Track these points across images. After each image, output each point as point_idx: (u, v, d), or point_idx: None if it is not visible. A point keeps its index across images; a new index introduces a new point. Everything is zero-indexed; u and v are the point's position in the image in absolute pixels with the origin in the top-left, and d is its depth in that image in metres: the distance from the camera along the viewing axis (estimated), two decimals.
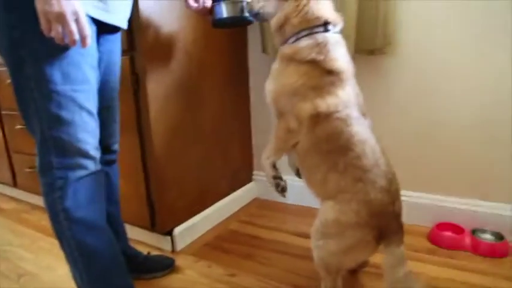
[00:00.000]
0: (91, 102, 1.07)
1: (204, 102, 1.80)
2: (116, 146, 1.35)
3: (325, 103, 1.08)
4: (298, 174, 1.26)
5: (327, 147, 1.09)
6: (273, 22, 1.17)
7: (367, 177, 1.08)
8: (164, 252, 1.73)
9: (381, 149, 1.13)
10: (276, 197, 2.18)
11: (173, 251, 1.74)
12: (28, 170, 2.15)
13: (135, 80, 1.49)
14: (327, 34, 1.11)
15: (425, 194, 1.72)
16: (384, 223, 1.09)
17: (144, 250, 1.64)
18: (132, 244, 1.57)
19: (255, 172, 2.28)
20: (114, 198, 1.38)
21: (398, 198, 1.12)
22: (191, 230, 1.82)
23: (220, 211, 2.02)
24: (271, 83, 1.16)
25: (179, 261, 1.65)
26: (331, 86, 1.08)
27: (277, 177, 1.21)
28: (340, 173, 1.09)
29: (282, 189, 1.22)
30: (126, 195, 1.62)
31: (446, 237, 1.63)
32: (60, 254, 1.12)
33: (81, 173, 1.08)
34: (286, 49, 1.14)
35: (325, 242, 1.12)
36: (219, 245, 1.77)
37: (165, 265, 1.56)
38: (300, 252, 1.65)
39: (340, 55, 1.11)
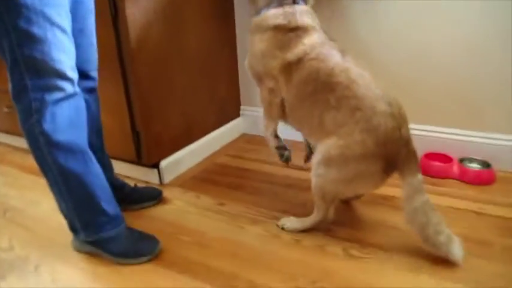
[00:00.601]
0: (64, 19, 1.01)
1: (188, 30, 1.74)
2: (95, 73, 1.30)
3: (292, 53, 1.10)
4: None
5: (310, 89, 1.08)
6: None
7: (364, 103, 1.05)
8: (151, 185, 1.73)
9: (370, 75, 1.10)
10: None
11: (161, 183, 1.74)
12: (6, 110, 2.07)
13: (112, 4, 1.43)
14: (295, 5, 1.15)
15: (414, 125, 1.70)
16: (393, 151, 1.05)
17: (131, 183, 1.62)
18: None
19: (242, 107, 2.26)
20: (96, 128, 1.35)
21: (405, 122, 1.09)
22: (178, 163, 1.82)
23: (207, 145, 2.01)
24: (247, 55, 1.21)
25: (167, 192, 1.66)
26: (297, 38, 1.11)
27: (280, 147, 1.22)
28: (335, 108, 1.07)
29: (286, 159, 1.23)
30: (110, 129, 1.59)
31: (435, 166, 1.65)
32: (45, 190, 1.13)
33: (58, 95, 1.04)
34: (256, 19, 1.18)
35: (327, 171, 1.11)
36: (207, 177, 1.77)
37: (152, 196, 1.56)
38: (288, 182, 1.67)
39: (306, 18, 1.14)
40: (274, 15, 1.13)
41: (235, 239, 1.31)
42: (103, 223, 1.19)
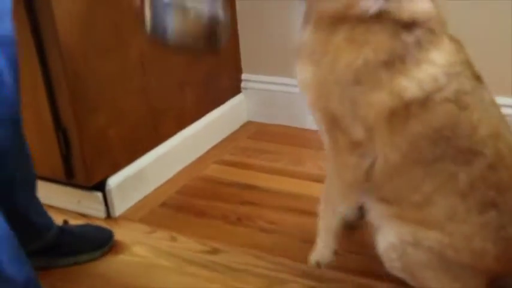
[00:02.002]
0: None
1: None
2: None
3: (415, 81, 1.06)
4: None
5: (435, 153, 1.09)
6: None
7: (506, 200, 1.08)
8: (93, 221, 1.70)
9: None
10: (283, 119, 2.19)
11: (108, 216, 1.72)
12: None
13: None
14: None
15: None
16: None
17: (57, 219, 1.56)
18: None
19: (245, 77, 2.23)
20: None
21: None
22: (138, 181, 1.79)
23: (186, 148, 1.97)
24: (307, 68, 1.15)
25: (120, 233, 1.63)
26: (417, 48, 1.06)
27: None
28: (461, 193, 1.09)
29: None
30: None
31: None
32: None
33: None
34: (329, 3, 1.10)
35: (408, 262, 1.17)
36: (187, 204, 1.75)
37: (97, 241, 1.55)
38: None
39: (428, 4, 1.10)
40: None
41: None
42: None
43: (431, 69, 1.07)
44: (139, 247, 1.56)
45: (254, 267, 1.43)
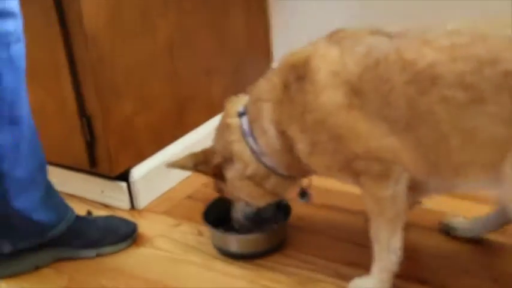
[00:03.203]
0: None
1: None
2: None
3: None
4: None
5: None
6: None
7: None
8: (117, 212, 1.70)
9: None
10: None
11: (132, 208, 1.72)
12: None
13: None
14: None
15: None
16: None
17: (80, 210, 1.58)
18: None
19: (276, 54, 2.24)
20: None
21: None
22: (163, 170, 1.65)
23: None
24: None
25: (144, 226, 1.62)
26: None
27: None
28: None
29: None
30: (40, 113, 1.52)
31: None
32: None
33: None
34: None
35: None
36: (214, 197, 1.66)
37: (119, 235, 1.54)
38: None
39: None
40: None
41: None
42: None
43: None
44: (164, 241, 1.55)
45: (283, 266, 1.41)
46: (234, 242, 1.46)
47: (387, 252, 1.26)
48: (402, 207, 1.22)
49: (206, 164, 1.39)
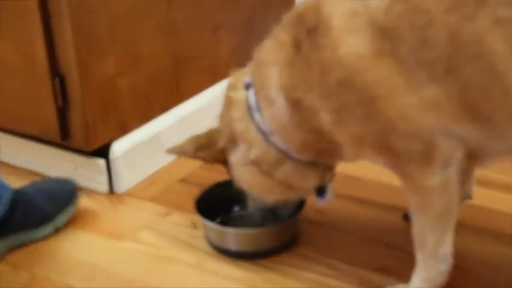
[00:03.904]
0: None
1: None
2: None
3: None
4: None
5: None
6: None
7: None
8: (92, 196, 1.60)
9: None
10: None
11: (112, 191, 1.62)
12: None
13: None
14: None
15: None
16: None
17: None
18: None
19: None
20: None
21: None
22: (152, 146, 1.69)
23: (217, 108, 1.77)
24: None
25: (125, 214, 1.55)
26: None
27: None
28: None
29: None
30: (5, 74, 1.54)
31: None
32: None
33: None
34: None
35: None
36: (213, 182, 1.58)
37: (65, 196, 1.46)
38: (391, 202, 1.50)
39: None
40: None
41: None
42: None
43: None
44: (149, 233, 1.44)
45: (294, 269, 1.29)
46: (233, 237, 1.38)
47: (434, 260, 1.16)
48: (454, 200, 1.13)
49: (209, 148, 1.31)
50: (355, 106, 1.09)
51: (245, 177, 1.28)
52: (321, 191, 1.36)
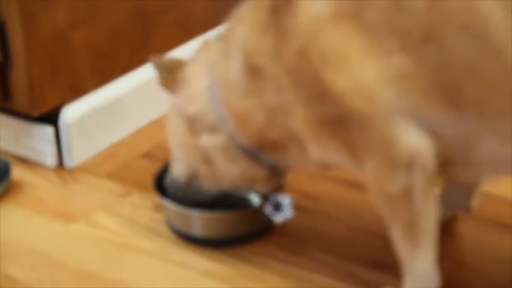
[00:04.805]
0: None
1: None
2: None
3: None
4: None
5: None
6: None
7: None
8: (38, 170, 1.51)
9: None
10: None
11: (61, 165, 1.52)
12: None
13: None
14: None
15: None
16: None
17: None
18: None
19: None
20: None
21: None
22: (110, 114, 1.60)
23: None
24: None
25: (77, 192, 1.45)
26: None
27: None
28: None
29: None
30: None
31: None
32: None
33: None
34: None
35: None
36: None
37: None
38: None
39: None
40: None
41: None
42: None
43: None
44: (105, 216, 1.36)
45: (273, 261, 1.20)
46: (198, 221, 1.30)
47: (413, 276, 1.10)
48: (426, 213, 1.04)
49: (169, 73, 1.25)
50: (310, 81, 1.02)
51: (172, 132, 1.22)
52: (277, 206, 1.28)
